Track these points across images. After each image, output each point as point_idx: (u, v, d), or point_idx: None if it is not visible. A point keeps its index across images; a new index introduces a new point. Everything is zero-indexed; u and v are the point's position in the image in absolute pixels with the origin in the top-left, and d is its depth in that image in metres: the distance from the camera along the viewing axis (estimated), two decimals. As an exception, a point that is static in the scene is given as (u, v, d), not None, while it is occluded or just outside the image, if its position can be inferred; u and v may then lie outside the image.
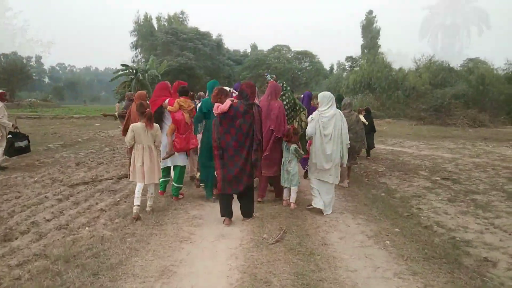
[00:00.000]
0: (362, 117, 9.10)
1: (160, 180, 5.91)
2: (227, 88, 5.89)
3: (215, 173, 4.99)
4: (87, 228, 4.60)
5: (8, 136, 8.26)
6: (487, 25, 65.99)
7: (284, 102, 6.26)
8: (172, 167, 6.10)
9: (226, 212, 4.94)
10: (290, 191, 5.77)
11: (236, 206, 5.07)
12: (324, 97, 5.59)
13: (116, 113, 9.20)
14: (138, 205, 5.05)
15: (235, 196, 5.07)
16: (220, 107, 4.83)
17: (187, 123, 5.86)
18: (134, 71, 34.28)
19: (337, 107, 5.99)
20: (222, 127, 4.83)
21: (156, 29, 47.18)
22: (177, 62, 39.65)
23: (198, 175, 5.98)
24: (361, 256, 3.95)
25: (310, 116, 5.74)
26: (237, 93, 6.66)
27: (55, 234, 4.37)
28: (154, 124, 5.27)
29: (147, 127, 5.10)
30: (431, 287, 3.29)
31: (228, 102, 4.82)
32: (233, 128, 4.81)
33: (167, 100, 5.89)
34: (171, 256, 3.83)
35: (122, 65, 35.25)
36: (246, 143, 4.84)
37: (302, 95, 8.90)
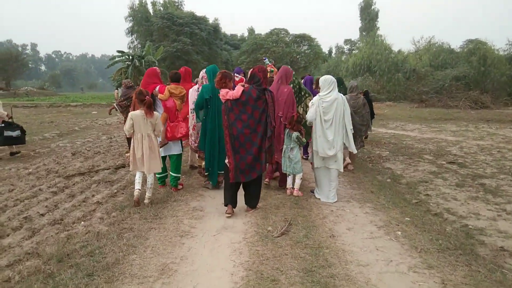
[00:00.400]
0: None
1: (158, 176, 5.72)
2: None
3: (226, 161, 4.74)
4: (82, 222, 4.38)
5: (0, 125, 8.09)
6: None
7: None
8: (168, 157, 5.86)
9: (231, 201, 4.75)
10: (293, 179, 5.58)
11: (238, 196, 4.86)
12: (325, 81, 5.34)
13: (115, 104, 8.92)
14: (139, 189, 4.99)
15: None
16: (230, 93, 4.59)
17: (178, 111, 5.65)
18: (131, 57, 33.73)
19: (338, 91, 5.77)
20: (233, 114, 4.59)
21: (152, 14, 46.29)
22: (173, 47, 39.04)
23: (203, 164, 5.74)
24: (372, 249, 3.73)
25: (311, 101, 5.51)
26: (239, 77, 6.42)
27: (49, 230, 4.14)
28: (154, 112, 5.08)
29: (146, 115, 4.91)
30: (449, 281, 3.08)
31: (240, 88, 4.58)
32: (245, 114, 4.58)
33: (157, 88, 5.67)
34: (171, 252, 3.60)
35: (118, 51, 34.66)
36: (258, 129, 4.61)
37: (302, 80, 8.63)
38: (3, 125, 8.12)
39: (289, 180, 5.62)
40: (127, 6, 46.79)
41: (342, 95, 5.41)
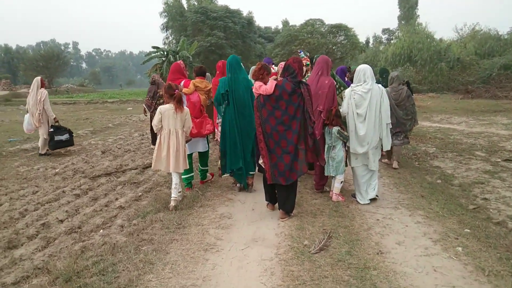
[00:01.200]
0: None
1: (183, 177, 5.34)
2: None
3: (260, 162, 4.40)
4: (101, 231, 4.02)
5: (50, 130, 8.20)
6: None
7: None
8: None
9: (271, 199, 4.60)
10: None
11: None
12: (357, 71, 4.81)
13: (144, 104, 8.89)
14: (174, 197, 4.78)
15: None
16: (263, 88, 4.17)
17: (203, 106, 5.28)
18: (165, 53, 33.88)
19: (379, 82, 5.16)
20: (266, 110, 4.18)
21: (186, 9, 46.32)
22: (207, 42, 38.81)
23: (219, 163, 5.38)
24: (428, 270, 3.13)
25: (344, 94, 5.01)
26: (276, 69, 5.95)
27: (64, 239, 3.81)
28: (184, 107, 4.79)
29: (176, 110, 4.63)
30: (532, 319, 2.46)
31: (272, 83, 4.15)
32: (279, 110, 4.15)
33: (182, 82, 5.38)
34: (193, 271, 3.15)
35: (153, 47, 34.91)
36: (294, 127, 4.16)
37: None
38: (52, 130, 8.23)
39: (333, 181, 5.09)
40: (162, 1, 46.82)
41: (380, 86, 4.82)
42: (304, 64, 7.23)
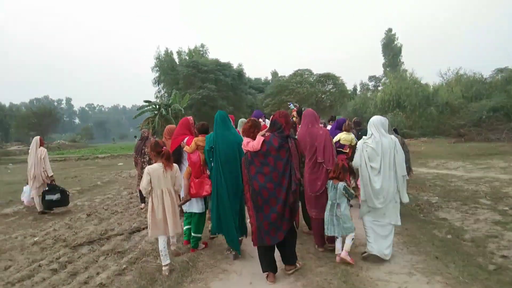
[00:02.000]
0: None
1: (185, 228, 5.15)
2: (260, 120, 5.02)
3: (248, 221, 4.18)
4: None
5: (45, 189, 8.13)
6: None
7: None
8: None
9: (269, 267, 4.14)
10: (341, 242, 4.60)
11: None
12: (369, 123, 4.61)
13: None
14: (167, 264, 4.41)
15: None
16: (250, 144, 4.01)
17: (203, 166, 4.95)
18: (157, 106, 34.00)
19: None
20: (254, 166, 3.99)
21: (178, 63, 47.25)
22: (199, 94, 39.22)
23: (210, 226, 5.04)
24: None
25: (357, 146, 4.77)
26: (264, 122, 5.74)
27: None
28: (173, 164, 4.52)
29: (165, 168, 4.36)
30: None
31: (260, 138, 4.00)
32: (267, 166, 3.96)
33: (185, 139, 5.15)
34: None
35: (145, 101, 35.09)
36: (283, 183, 3.95)
37: (330, 121, 7.99)
38: (46, 188, 8.14)
39: (338, 244, 4.62)
40: (153, 56, 47.83)
41: (393, 137, 4.59)
42: (294, 115, 7.08)
